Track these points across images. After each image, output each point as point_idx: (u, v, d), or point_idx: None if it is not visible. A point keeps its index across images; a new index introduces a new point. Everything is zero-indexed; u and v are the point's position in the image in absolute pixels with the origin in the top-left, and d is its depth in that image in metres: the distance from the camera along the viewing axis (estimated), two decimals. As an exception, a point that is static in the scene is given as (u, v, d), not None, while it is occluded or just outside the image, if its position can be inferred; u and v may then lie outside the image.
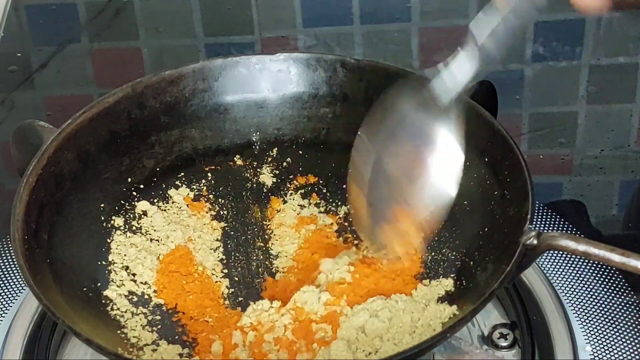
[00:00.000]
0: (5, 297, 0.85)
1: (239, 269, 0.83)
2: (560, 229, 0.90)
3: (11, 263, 0.87)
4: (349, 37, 1.20)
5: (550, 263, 0.86)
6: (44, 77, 1.16)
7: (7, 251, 0.88)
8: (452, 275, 0.79)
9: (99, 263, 0.81)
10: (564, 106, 1.09)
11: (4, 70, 1.16)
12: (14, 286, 0.86)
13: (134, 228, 0.84)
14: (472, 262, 0.78)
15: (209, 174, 0.90)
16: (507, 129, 0.80)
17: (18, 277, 0.86)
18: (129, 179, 0.86)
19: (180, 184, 0.89)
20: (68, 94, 1.15)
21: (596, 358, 0.79)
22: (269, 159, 0.91)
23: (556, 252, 0.86)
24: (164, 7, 1.27)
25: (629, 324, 0.81)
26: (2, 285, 0.86)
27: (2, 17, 1.23)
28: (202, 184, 0.89)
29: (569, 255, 0.86)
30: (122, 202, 0.85)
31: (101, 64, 1.19)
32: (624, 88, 1.10)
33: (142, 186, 0.87)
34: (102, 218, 0.84)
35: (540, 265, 0.85)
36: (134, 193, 0.86)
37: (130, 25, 1.24)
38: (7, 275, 0.87)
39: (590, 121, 1.06)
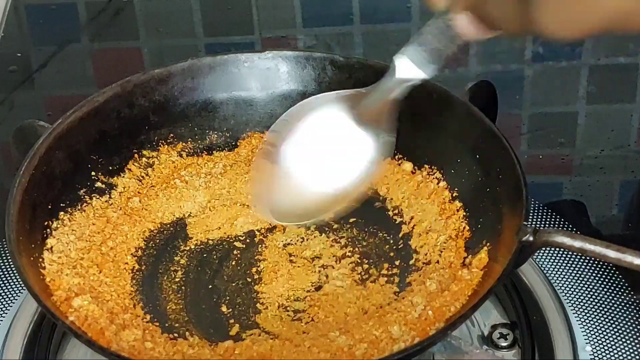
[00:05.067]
0: (5, 297, 0.85)
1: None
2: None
3: (11, 263, 0.87)
4: (349, 37, 1.20)
5: (550, 263, 0.86)
6: (44, 77, 1.16)
7: (6, 252, 0.88)
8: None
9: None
10: (564, 106, 1.09)
11: (4, 70, 1.16)
12: (14, 286, 0.86)
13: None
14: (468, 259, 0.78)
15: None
16: (507, 129, 0.80)
17: (18, 277, 0.86)
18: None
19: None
20: (68, 94, 1.15)
21: (596, 358, 0.79)
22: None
23: (556, 252, 0.86)
24: (164, 7, 1.27)
25: (629, 324, 0.81)
26: (2, 285, 0.86)
27: (2, 17, 1.22)
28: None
29: (568, 255, 0.86)
30: None
31: (101, 64, 1.19)
32: (624, 88, 1.10)
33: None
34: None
35: (540, 265, 0.85)
36: None
37: (130, 25, 1.24)
38: (7, 276, 0.87)
39: (590, 121, 1.06)
